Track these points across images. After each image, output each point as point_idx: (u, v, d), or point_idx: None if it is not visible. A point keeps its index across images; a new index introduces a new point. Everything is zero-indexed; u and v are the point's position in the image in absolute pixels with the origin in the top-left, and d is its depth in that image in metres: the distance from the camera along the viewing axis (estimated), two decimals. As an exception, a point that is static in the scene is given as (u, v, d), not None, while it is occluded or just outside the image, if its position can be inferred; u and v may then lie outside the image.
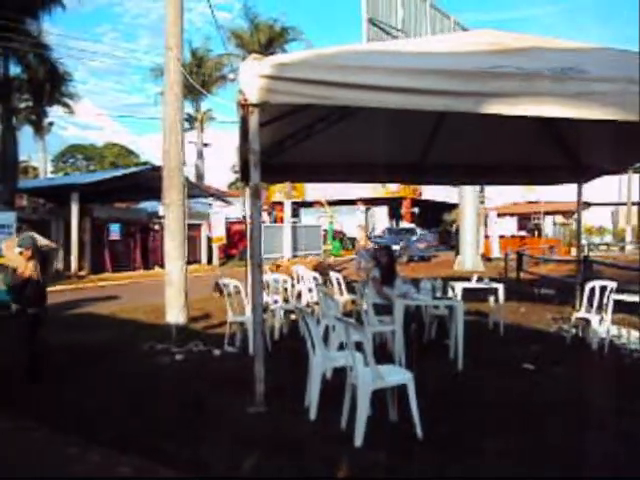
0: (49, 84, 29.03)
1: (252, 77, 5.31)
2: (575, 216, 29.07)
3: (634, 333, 9.22)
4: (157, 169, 16.25)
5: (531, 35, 7.16)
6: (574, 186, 11.93)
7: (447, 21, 17.74)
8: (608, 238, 44.55)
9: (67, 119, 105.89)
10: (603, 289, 8.50)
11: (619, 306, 8.73)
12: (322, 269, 17.12)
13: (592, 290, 8.67)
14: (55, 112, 35.78)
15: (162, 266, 14.35)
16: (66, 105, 34.24)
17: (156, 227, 29.87)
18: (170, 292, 10.92)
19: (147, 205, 33.00)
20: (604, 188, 33.09)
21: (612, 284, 8.43)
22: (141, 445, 4.90)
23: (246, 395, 5.80)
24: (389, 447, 4.77)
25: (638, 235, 43.22)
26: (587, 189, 12.02)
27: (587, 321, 8.89)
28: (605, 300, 8.46)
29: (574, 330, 9.37)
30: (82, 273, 24.85)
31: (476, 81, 5.12)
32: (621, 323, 9.65)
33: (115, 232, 27.94)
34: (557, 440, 5.01)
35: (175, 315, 10.71)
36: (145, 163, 57.03)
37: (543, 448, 4.83)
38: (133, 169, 33.98)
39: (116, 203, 33.62)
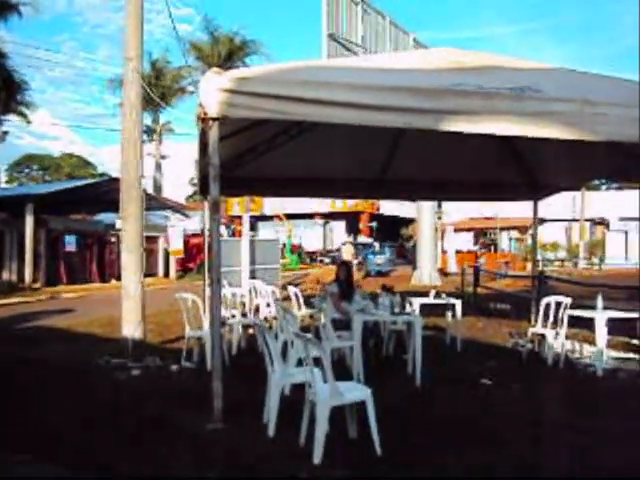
0: (4, 92, 28.53)
1: (212, 91, 5.27)
2: (530, 231, 29.63)
3: (587, 348, 9.36)
4: (115, 181, 16.04)
5: (489, 54, 7.27)
6: (529, 202, 12.14)
7: (406, 38, 17.93)
8: (562, 254, 45.26)
9: (23, 128, 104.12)
10: (558, 304, 8.62)
11: (573, 321, 8.86)
12: None
13: (547, 305, 8.78)
14: (11, 122, 35.15)
15: (119, 279, 14.16)
16: (22, 114, 33.68)
17: (113, 239, 29.49)
18: (127, 305, 10.74)
19: (104, 217, 32.60)
20: (558, 204, 33.72)
21: (567, 300, 8.55)
22: (95, 464, 4.79)
23: (204, 411, 5.72)
24: (348, 464, 4.74)
25: (590, 251, 44.12)
26: (542, 205, 12.23)
27: (543, 336, 9.01)
28: (560, 315, 8.59)
29: (530, 345, 9.48)
30: (36, 285, 24.39)
31: (436, 99, 5.18)
32: (575, 338, 9.79)
33: (71, 244, 27.50)
34: (514, 455, 5.04)
35: (132, 329, 10.52)
36: (102, 175, 56.38)
37: (502, 463, 4.84)
38: (90, 180, 33.57)
39: (72, 214, 33.12)
